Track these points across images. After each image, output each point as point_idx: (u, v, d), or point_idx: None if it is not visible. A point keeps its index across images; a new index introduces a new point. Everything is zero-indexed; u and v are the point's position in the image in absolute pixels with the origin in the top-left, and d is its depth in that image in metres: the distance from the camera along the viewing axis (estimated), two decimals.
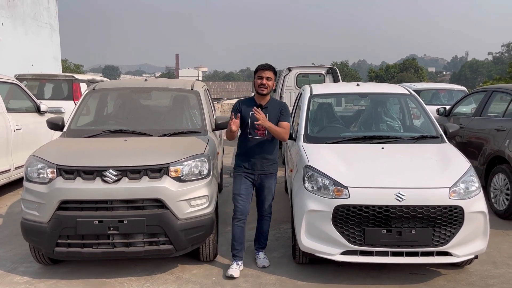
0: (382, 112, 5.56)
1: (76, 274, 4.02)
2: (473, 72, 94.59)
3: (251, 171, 4.05)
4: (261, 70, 4.00)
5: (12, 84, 7.05)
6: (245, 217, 4.07)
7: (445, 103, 10.65)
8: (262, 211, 4.24)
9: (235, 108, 4.11)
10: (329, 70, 11.80)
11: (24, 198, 3.83)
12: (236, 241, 4.06)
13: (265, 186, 4.12)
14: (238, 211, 4.04)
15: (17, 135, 6.54)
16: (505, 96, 6.44)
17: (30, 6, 14.98)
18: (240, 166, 4.09)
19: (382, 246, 3.61)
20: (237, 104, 4.16)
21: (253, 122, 3.97)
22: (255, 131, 4.01)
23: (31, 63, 14.55)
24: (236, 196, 4.06)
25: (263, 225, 4.26)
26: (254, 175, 4.06)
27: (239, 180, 4.07)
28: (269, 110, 4.04)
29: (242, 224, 4.06)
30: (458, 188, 3.69)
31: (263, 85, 3.97)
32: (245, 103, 4.11)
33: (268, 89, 3.99)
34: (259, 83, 3.98)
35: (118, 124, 4.82)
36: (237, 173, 4.11)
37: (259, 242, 4.32)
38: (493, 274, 4.05)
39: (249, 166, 4.05)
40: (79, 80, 9.41)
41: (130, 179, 3.70)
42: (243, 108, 4.05)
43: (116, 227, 3.60)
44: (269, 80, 3.98)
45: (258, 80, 3.99)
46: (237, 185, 4.07)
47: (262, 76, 3.97)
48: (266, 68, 4.00)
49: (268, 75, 3.98)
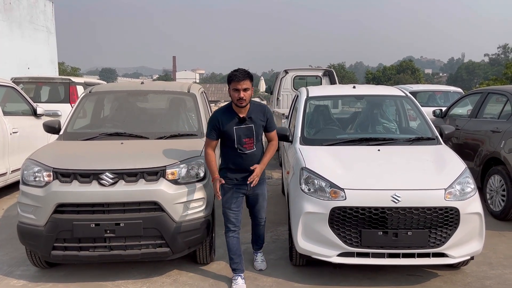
0: (378, 114, 5.58)
1: (73, 278, 4.01)
2: (470, 73, 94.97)
3: (243, 183, 3.77)
4: (235, 81, 3.56)
5: (8, 87, 7.04)
6: (239, 228, 3.89)
7: (441, 104, 10.69)
8: (257, 219, 4.09)
9: (213, 124, 3.69)
10: (326, 72, 11.84)
11: (21, 202, 3.83)
12: (234, 253, 3.85)
13: (259, 193, 3.94)
14: (231, 224, 3.83)
15: (13, 138, 6.53)
16: (500, 97, 6.47)
17: (27, 9, 14.98)
18: (229, 179, 3.77)
19: (378, 247, 3.62)
20: (215, 119, 3.70)
21: (239, 137, 3.68)
22: (243, 146, 3.72)
23: (28, 66, 14.53)
24: (227, 211, 3.81)
25: (259, 230, 4.16)
26: (247, 186, 3.78)
27: (230, 194, 3.79)
28: (253, 119, 3.74)
29: (237, 235, 3.87)
30: (453, 189, 3.71)
31: (241, 99, 3.57)
32: (224, 117, 3.69)
33: (247, 100, 3.62)
34: (236, 97, 3.57)
35: (115, 127, 4.82)
36: (227, 186, 3.77)
37: (257, 243, 4.27)
38: (489, 275, 4.06)
39: (241, 179, 3.77)
40: (76, 83, 9.40)
41: (126, 182, 3.70)
42: (225, 123, 3.67)
43: (112, 230, 3.60)
44: (247, 91, 3.58)
45: (234, 93, 3.58)
46: (229, 200, 3.79)
47: (238, 89, 3.55)
48: (241, 78, 3.55)
49: (245, 85, 3.56)
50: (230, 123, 3.69)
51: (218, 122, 3.70)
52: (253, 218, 4.13)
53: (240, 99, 3.58)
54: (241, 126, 3.70)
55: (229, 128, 3.68)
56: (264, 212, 4.09)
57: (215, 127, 3.70)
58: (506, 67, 38.56)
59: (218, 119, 3.71)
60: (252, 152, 3.76)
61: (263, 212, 4.07)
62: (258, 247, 4.28)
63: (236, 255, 3.87)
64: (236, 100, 3.61)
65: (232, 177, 3.79)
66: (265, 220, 4.15)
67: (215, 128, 3.70)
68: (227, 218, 3.84)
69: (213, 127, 3.71)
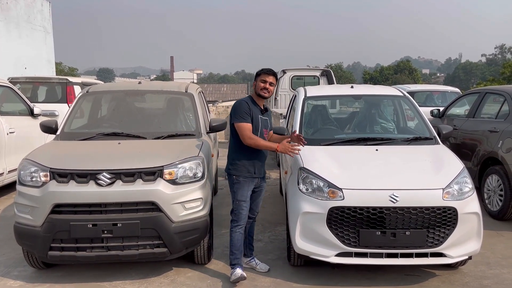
0: (376, 114, 5.58)
1: (70, 278, 4.00)
2: (467, 73, 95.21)
3: (258, 175, 3.99)
4: (265, 74, 3.95)
5: (5, 87, 7.01)
6: (245, 223, 4.02)
7: (439, 104, 10.70)
8: (253, 213, 4.16)
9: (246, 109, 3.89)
10: (323, 72, 11.86)
11: (17, 202, 3.81)
12: (238, 249, 3.93)
13: (262, 188, 4.14)
14: (242, 218, 3.93)
15: (10, 138, 6.50)
16: (498, 97, 6.48)
17: (24, 9, 14.93)
18: (247, 171, 3.93)
19: (376, 247, 3.61)
20: (246, 105, 3.92)
21: (261, 127, 3.95)
22: (263, 136, 3.98)
23: (25, 66, 14.48)
24: (242, 203, 3.92)
25: (253, 228, 4.27)
26: (258, 178, 4.02)
27: (246, 187, 3.94)
28: (267, 113, 4.13)
29: (242, 231, 3.97)
30: (451, 189, 3.71)
31: (265, 89, 3.92)
32: (251, 105, 3.96)
33: (270, 93, 3.97)
34: (262, 86, 3.93)
35: (112, 127, 4.80)
36: (244, 179, 3.92)
37: (250, 247, 4.25)
38: (487, 275, 4.06)
39: (257, 171, 3.97)
40: (73, 83, 9.37)
41: (124, 182, 3.68)
42: (253, 111, 3.93)
43: (110, 230, 3.59)
44: (272, 85, 3.96)
45: (261, 83, 3.94)
46: (245, 192, 3.93)
47: (266, 81, 3.93)
48: (271, 73, 3.96)
49: (272, 80, 3.95)
50: (256, 112, 3.94)
51: (248, 108, 3.89)
52: (250, 214, 4.12)
53: (265, 89, 3.91)
54: (263, 117, 4.00)
55: (256, 116, 3.93)
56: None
57: (248, 111, 3.88)
58: (503, 67, 38.66)
59: (248, 105, 3.92)
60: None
61: (259, 206, 4.24)
62: (252, 250, 4.27)
63: (239, 250, 3.94)
64: (260, 89, 3.92)
65: (250, 169, 3.93)
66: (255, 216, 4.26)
67: (248, 113, 3.87)
68: (239, 212, 3.93)
69: (246, 112, 3.87)
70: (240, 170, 3.93)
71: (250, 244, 4.23)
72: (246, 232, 4.12)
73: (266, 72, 3.96)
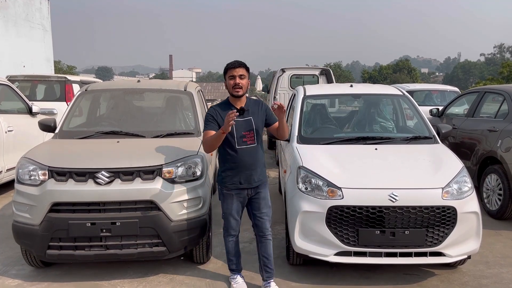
0: (376, 113, 5.58)
1: (68, 277, 3.99)
2: (466, 73, 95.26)
3: (247, 185, 3.52)
4: (231, 68, 3.45)
5: (3, 85, 6.99)
6: (238, 232, 3.72)
7: (438, 104, 10.71)
8: (260, 228, 3.62)
9: (210, 117, 3.50)
10: (322, 71, 11.84)
11: (16, 201, 3.80)
12: (234, 255, 3.75)
13: (261, 197, 3.60)
14: (232, 229, 3.65)
15: (8, 136, 6.49)
16: (497, 97, 6.48)
17: (22, 7, 14.88)
18: (231, 183, 3.52)
19: (375, 247, 3.61)
20: (212, 112, 3.52)
21: (238, 131, 3.44)
22: (243, 140, 3.46)
23: (23, 64, 14.44)
24: (228, 216, 3.62)
25: (267, 248, 3.63)
26: (248, 190, 3.55)
27: (230, 200, 3.56)
28: (251, 112, 3.52)
29: (236, 239, 3.72)
30: (451, 188, 3.71)
31: (237, 85, 3.43)
32: (221, 111, 3.51)
33: (244, 89, 3.47)
34: (232, 84, 3.44)
35: (111, 126, 4.79)
36: (227, 192, 3.56)
37: (266, 270, 3.67)
38: (486, 274, 4.07)
39: (244, 181, 3.50)
40: (72, 81, 9.36)
41: (122, 180, 3.67)
42: (221, 115, 3.45)
43: (108, 229, 3.58)
44: (243, 78, 3.45)
45: (230, 80, 3.45)
46: (229, 205, 3.58)
47: (234, 75, 3.43)
48: (236, 65, 3.44)
49: (241, 72, 3.44)
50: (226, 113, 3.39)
51: (215, 114, 3.50)
52: (256, 229, 3.67)
53: (236, 85, 3.43)
54: (239, 119, 3.41)
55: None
56: (269, 223, 3.65)
57: (212, 118, 3.49)
58: (502, 66, 38.69)
59: (215, 110, 3.52)
60: (253, 147, 3.50)
61: (267, 221, 3.62)
62: (268, 274, 3.68)
63: (235, 256, 3.78)
64: (232, 87, 3.45)
65: (234, 180, 3.51)
66: (271, 235, 3.67)
67: (212, 120, 3.48)
68: (228, 224, 3.65)
69: (210, 119, 3.49)
70: (224, 181, 3.56)
71: (266, 266, 3.66)
72: (258, 251, 3.70)
73: (231, 66, 3.45)
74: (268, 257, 3.64)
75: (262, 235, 3.63)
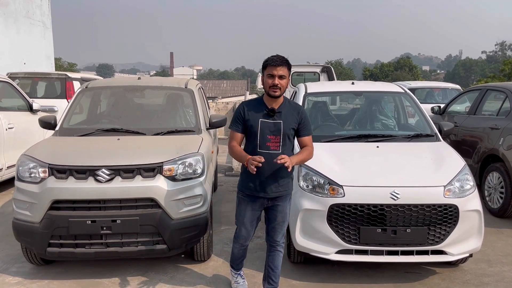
0: (377, 110, 5.56)
1: (68, 275, 3.98)
2: (467, 70, 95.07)
3: (263, 194, 3.22)
4: (271, 66, 3.09)
5: (4, 82, 6.97)
6: (249, 241, 3.47)
7: (440, 101, 10.69)
8: (272, 238, 3.37)
9: (238, 114, 3.23)
10: (324, 68, 11.83)
11: (16, 198, 3.78)
12: (238, 258, 3.60)
13: (278, 210, 3.29)
14: (242, 238, 3.41)
15: (9, 134, 6.47)
16: (499, 94, 6.46)
17: (23, 4, 14.84)
18: (246, 187, 3.25)
19: (377, 245, 3.60)
20: (241, 108, 3.24)
21: (263, 132, 3.15)
22: (266, 144, 3.15)
23: (24, 61, 14.42)
24: (240, 225, 3.37)
25: (275, 259, 3.40)
26: (264, 199, 3.25)
27: (244, 206, 3.31)
28: (284, 115, 3.18)
29: (245, 248, 3.52)
30: (453, 186, 3.69)
31: (275, 86, 3.09)
32: (252, 107, 3.22)
33: (282, 90, 3.12)
34: (270, 83, 3.10)
35: (111, 123, 4.77)
36: (242, 197, 3.31)
37: (269, 282, 3.44)
38: (487, 273, 4.05)
39: (260, 188, 3.20)
40: (72, 78, 9.34)
41: (123, 178, 3.66)
42: (251, 114, 3.18)
43: (109, 227, 3.57)
44: (283, 78, 3.10)
45: (268, 79, 3.11)
46: (242, 212, 3.32)
47: (274, 75, 3.08)
48: (278, 63, 3.08)
49: (281, 72, 3.08)
50: (257, 114, 3.18)
51: (243, 111, 3.21)
52: (267, 238, 3.44)
53: (274, 86, 3.09)
54: (268, 120, 3.16)
55: (254, 119, 3.17)
56: (282, 236, 3.39)
57: (240, 116, 3.21)
58: (504, 64, 38.50)
59: (244, 107, 3.23)
60: (276, 154, 3.10)
61: (280, 234, 3.36)
62: (272, 285, 3.44)
63: (240, 260, 3.62)
64: (269, 87, 3.11)
65: (250, 185, 3.23)
66: (283, 247, 3.43)
67: (239, 118, 3.22)
68: (239, 233, 3.40)
69: (237, 117, 3.23)
70: (241, 184, 3.34)
71: (270, 277, 3.43)
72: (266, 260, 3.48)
73: (272, 64, 3.10)
74: (274, 269, 3.42)
75: (272, 244, 3.40)
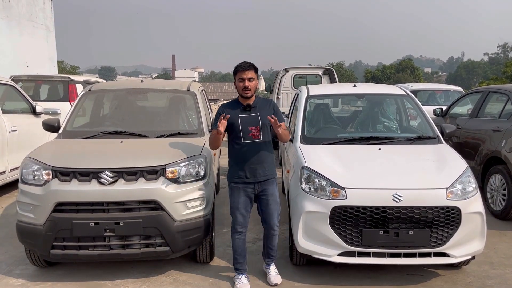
0: (379, 112, 5.56)
1: (72, 277, 3.99)
2: (469, 72, 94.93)
3: (252, 179, 3.71)
4: (241, 71, 3.65)
5: (7, 85, 7.01)
6: (246, 229, 3.82)
7: (442, 103, 10.68)
8: (269, 224, 3.82)
9: (218, 115, 3.71)
10: (325, 71, 11.83)
11: (19, 200, 3.80)
12: (239, 254, 3.81)
13: (268, 193, 3.77)
14: (238, 225, 3.76)
15: (12, 136, 6.50)
16: (501, 96, 6.46)
17: (26, 7, 14.91)
18: (237, 176, 3.73)
19: (379, 247, 3.60)
20: (221, 110, 3.77)
21: (244, 125, 3.67)
22: (249, 135, 3.67)
23: (27, 64, 14.47)
24: (235, 211, 3.76)
25: (272, 240, 3.87)
26: (255, 184, 3.72)
27: (237, 193, 3.74)
28: (259, 109, 3.73)
29: (243, 237, 3.80)
30: (455, 188, 3.69)
31: (246, 88, 3.63)
32: (229, 106, 3.78)
33: (252, 90, 3.66)
34: (241, 86, 3.65)
35: (114, 126, 4.79)
36: (234, 185, 3.76)
37: (269, 256, 3.96)
38: (490, 275, 4.05)
39: (250, 175, 3.70)
40: (75, 81, 9.38)
41: (126, 180, 3.68)
42: (229, 112, 3.67)
43: (112, 229, 3.58)
44: (252, 80, 3.65)
45: (239, 83, 3.66)
46: (236, 199, 3.75)
47: (244, 78, 3.63)
48: (246, 68, 3.64)
49: (250, 75, 3.64)
50: (235, 111, 3.71)
51: (222, 111, 3.69)
52: (264, 225, 3.88)
53: (245, 88, 3.64)
54: (246, 115, 3.70)
55: (234, 116, 3.67)
56: (277, 218, 3.83)
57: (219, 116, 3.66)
58: (506, 66, 38.45)
59: (223, 109, 3.75)
60: (259, 142, 3.68)
61: (275, 217, 3.81)
62: (270, 260, 3.98)
63: (241, 255, 3.82)
64: (241, 89, 3.66)
65: (241, 174, 3.72)
66: (278, 228, 3.86)
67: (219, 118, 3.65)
68: (235, 219, 3.78)
69: (218, 118, 3.67)
70: (231, 175, 3.81)
71: (269, 254, 3.94)
72: (264, 241, 3.93)
73: (241, 69, 3.65)
74: (273, 248, 3.91)
75: (269, 229, 3.84)
